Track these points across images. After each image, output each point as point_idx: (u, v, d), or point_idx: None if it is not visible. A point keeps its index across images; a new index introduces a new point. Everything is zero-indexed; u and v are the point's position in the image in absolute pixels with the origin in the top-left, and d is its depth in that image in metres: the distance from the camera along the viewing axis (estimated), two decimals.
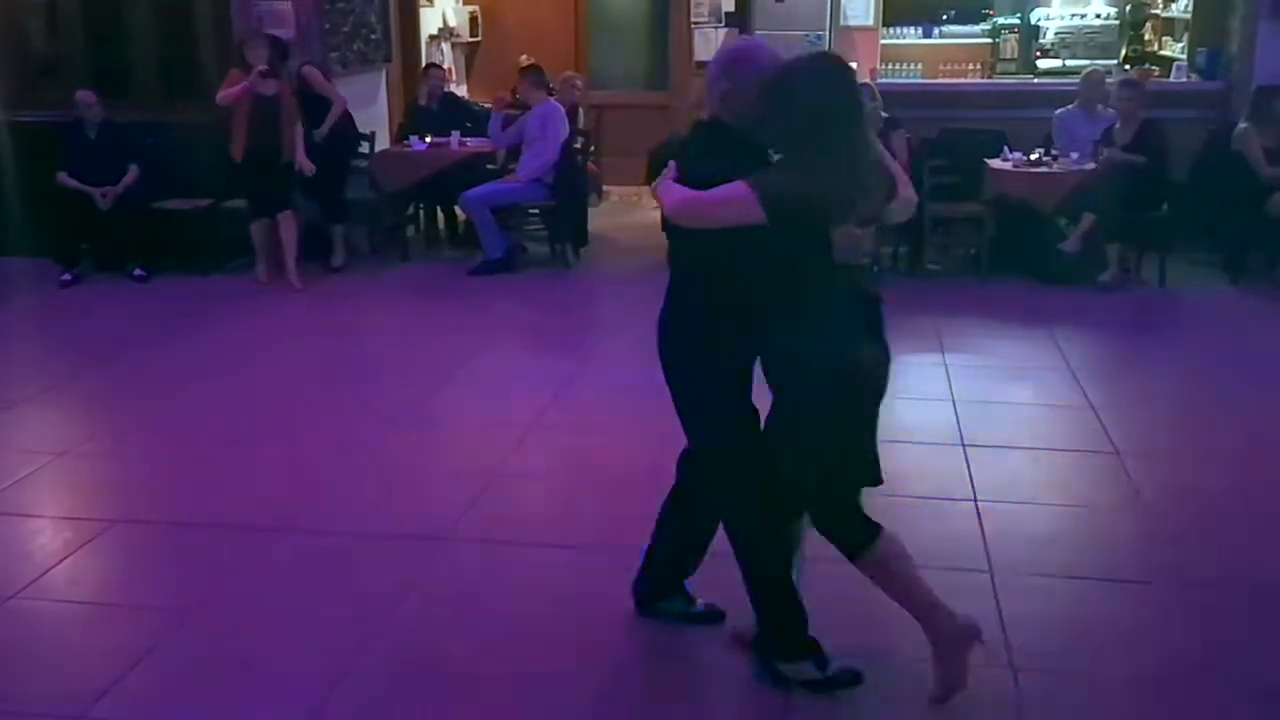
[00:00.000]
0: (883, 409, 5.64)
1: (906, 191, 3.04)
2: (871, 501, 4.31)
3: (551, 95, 8.42)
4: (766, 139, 2.93)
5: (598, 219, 9.34)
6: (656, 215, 8.54)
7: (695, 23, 10.35)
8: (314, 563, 3.95)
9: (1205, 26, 9.24)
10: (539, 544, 4.09)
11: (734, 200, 2.78)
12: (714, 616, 3.48)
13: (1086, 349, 6.41)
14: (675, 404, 3.16)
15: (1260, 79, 8.08)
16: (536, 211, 8.59)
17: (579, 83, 9.59)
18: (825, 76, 2.85)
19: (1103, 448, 4.84)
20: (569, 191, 8.26)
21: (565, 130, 8.16)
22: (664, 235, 3.29)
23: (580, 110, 9.42)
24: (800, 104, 2.82)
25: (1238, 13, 8.71)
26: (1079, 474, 4.65)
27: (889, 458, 4.67)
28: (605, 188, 10.43)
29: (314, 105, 8.02)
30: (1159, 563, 3.86)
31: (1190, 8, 9.54)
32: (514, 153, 8.42)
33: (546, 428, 5.21)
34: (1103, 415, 5.18)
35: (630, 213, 9.96)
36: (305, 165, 7.64)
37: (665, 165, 2.98)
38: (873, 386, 2.98)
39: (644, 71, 11.27)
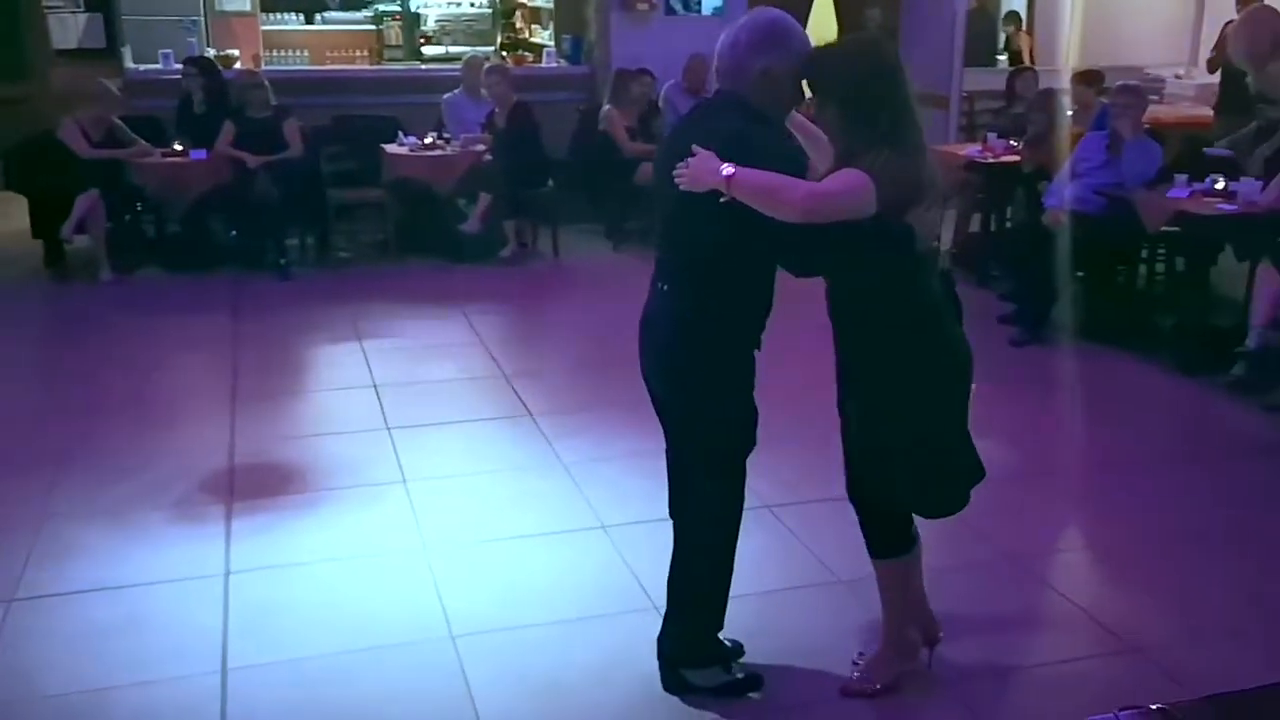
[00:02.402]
0: (305, 403, 5.51)
1: None
2: (317, 496, 4.23)
3: None
4: (838, 122, 2.65)
5: None
6: (24, 221, 7.62)
7: (49, 7, 9.30)
8: None
9: (566, 16, 10.05)
10: None
11: (859, 190, 2.50)
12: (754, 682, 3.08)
13: (496, 321, 6.73)
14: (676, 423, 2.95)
15: (617, 63, 8.94)
16: None
17: None
18: (890, 54, 2.66)
19: (518, 413, 5.10)
20: None
21: None
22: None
23: None
24: (883, 83, 2.61)
25: (592, 3, 9.55)
26: (500, 441, 4.84)
27: (315, 452, 4.65)
28: None
29: None
30: (582, 512, 4.13)
31: None
32: None
33: None
34: (515, 383, 5.46)
35: None
36: None
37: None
38: (970, 368, 2.80)
39: None
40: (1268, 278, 5.20)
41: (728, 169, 2.54)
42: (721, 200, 2.56)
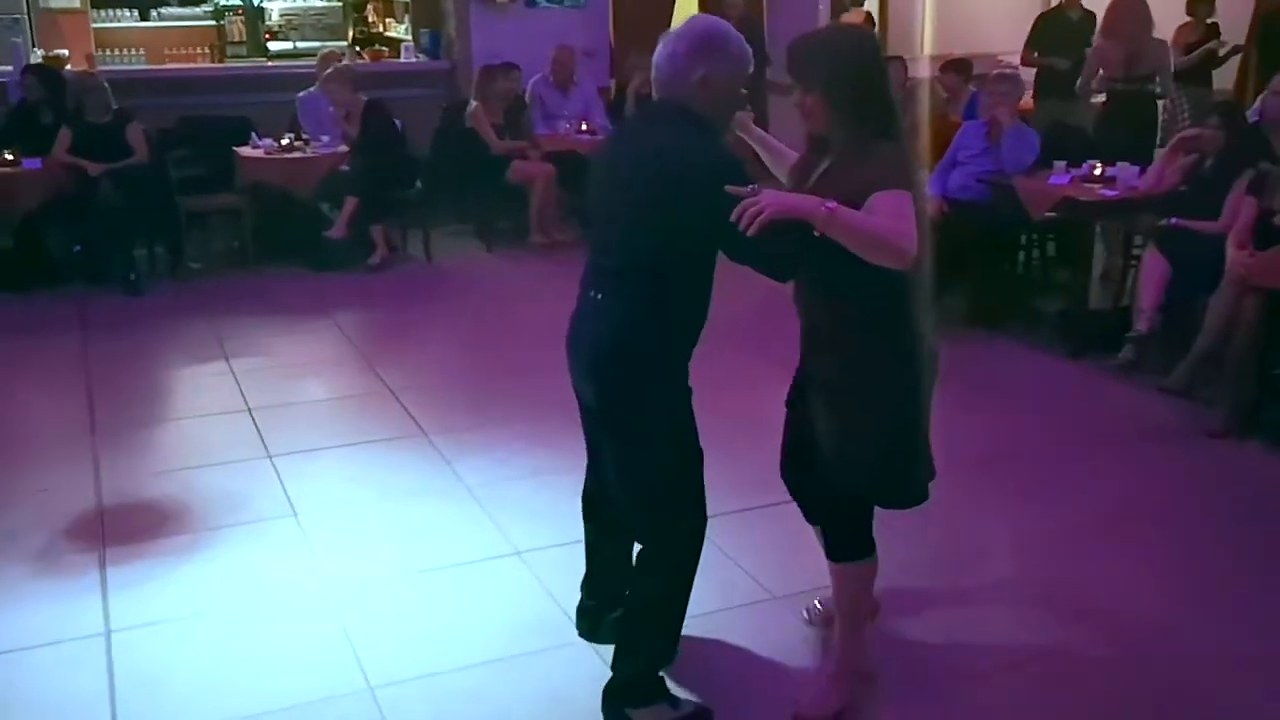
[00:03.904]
0: (175, 433, 5.09)
1: None
2: (200, 538, 3.85)
3: None
4: (825, 112, 2.54)
5: None
6: None
7: None
8: None
9: (424, 9, 9.68)
10: None
11: (909, 208, 2.42)
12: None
13: (373, 333, 6.39)
14: (614, 444, 2.75)
15: (480, 59, 8.64)
16: None
17: None
18: (877, 43, 2.54)
19: (411, 432, 4.80)
20: None
21: None
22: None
23: None
24: (874, 72, 2.56)
25: None
26: (394, 464, 4.51)
27: (192, 487, 4.27)
28: None
29: None
30: (492, 538, 3.88)
31: None
32: None
33: None
34: (403, 399, 5.15)
35: None
36: None
37: None
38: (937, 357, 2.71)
39: None
40: (1153, 261, 5.29)
41: (830, 203, 2.39)
42: (815, 234, 2.40)
